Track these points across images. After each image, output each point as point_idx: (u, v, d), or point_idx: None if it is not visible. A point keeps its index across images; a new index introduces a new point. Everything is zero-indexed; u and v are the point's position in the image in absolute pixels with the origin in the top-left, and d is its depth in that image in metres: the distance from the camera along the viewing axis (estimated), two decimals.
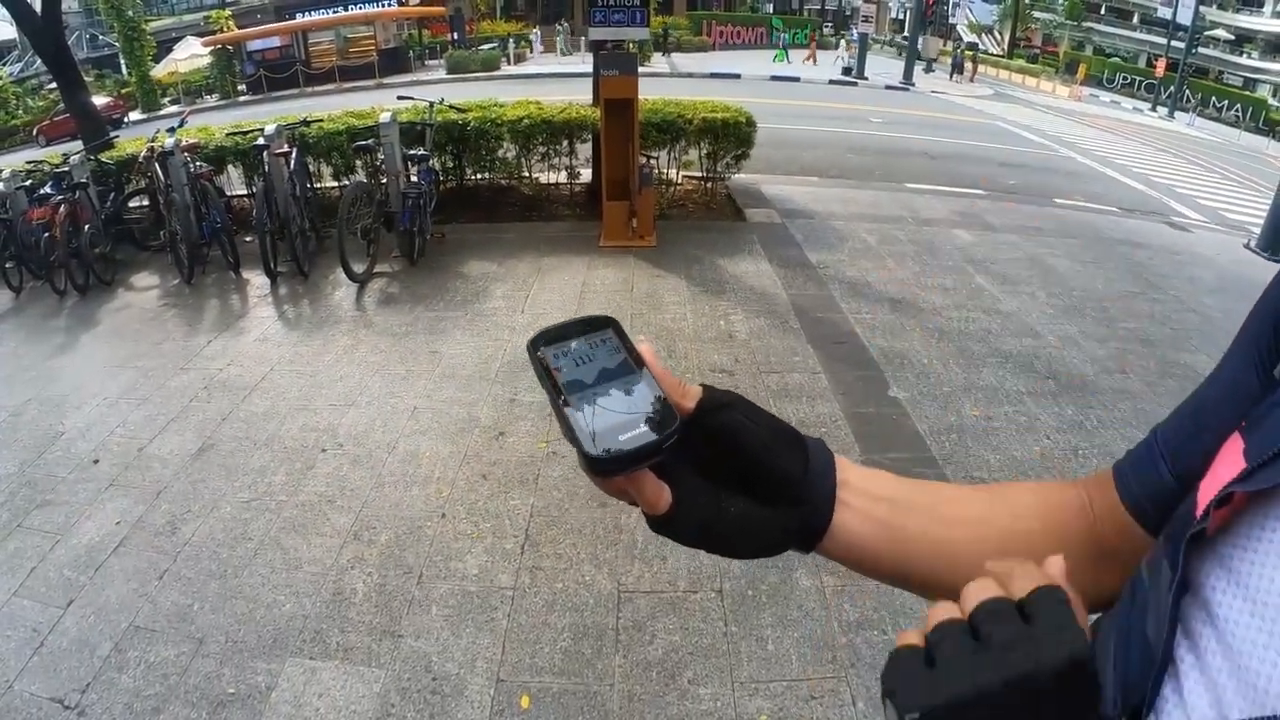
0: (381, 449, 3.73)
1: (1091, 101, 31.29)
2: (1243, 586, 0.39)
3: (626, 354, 0.48)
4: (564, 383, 0.45)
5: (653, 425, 0.44)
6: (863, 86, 24.57)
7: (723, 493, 0.51)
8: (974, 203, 8.99)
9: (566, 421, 0.43)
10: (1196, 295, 6.39)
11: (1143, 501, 0.56)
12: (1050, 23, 44.78)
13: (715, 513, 0.50)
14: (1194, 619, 0.41)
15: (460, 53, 27.13)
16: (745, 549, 0.52)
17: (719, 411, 0.50)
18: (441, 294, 5.65)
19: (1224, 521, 0.42)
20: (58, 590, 2.89)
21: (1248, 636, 0.38)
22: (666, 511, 0.48)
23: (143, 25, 24.67)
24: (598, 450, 0.42)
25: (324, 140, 7.21)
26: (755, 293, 5.63)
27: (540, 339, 0.47)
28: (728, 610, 2.72)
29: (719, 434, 0.50)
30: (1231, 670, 0.38)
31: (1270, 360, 0.49)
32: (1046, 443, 3.87)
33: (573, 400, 0.44)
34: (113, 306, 6.01)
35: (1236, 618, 0.39)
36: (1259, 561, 0.39)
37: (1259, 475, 0.40)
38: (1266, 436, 0.42)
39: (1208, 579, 0.41)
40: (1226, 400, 0.51)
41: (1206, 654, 0.40)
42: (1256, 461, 0.41)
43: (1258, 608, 0.38)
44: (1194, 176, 15.45)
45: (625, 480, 0.46)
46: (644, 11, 6.34)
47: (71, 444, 3.94)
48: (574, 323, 0.48)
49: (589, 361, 0.47)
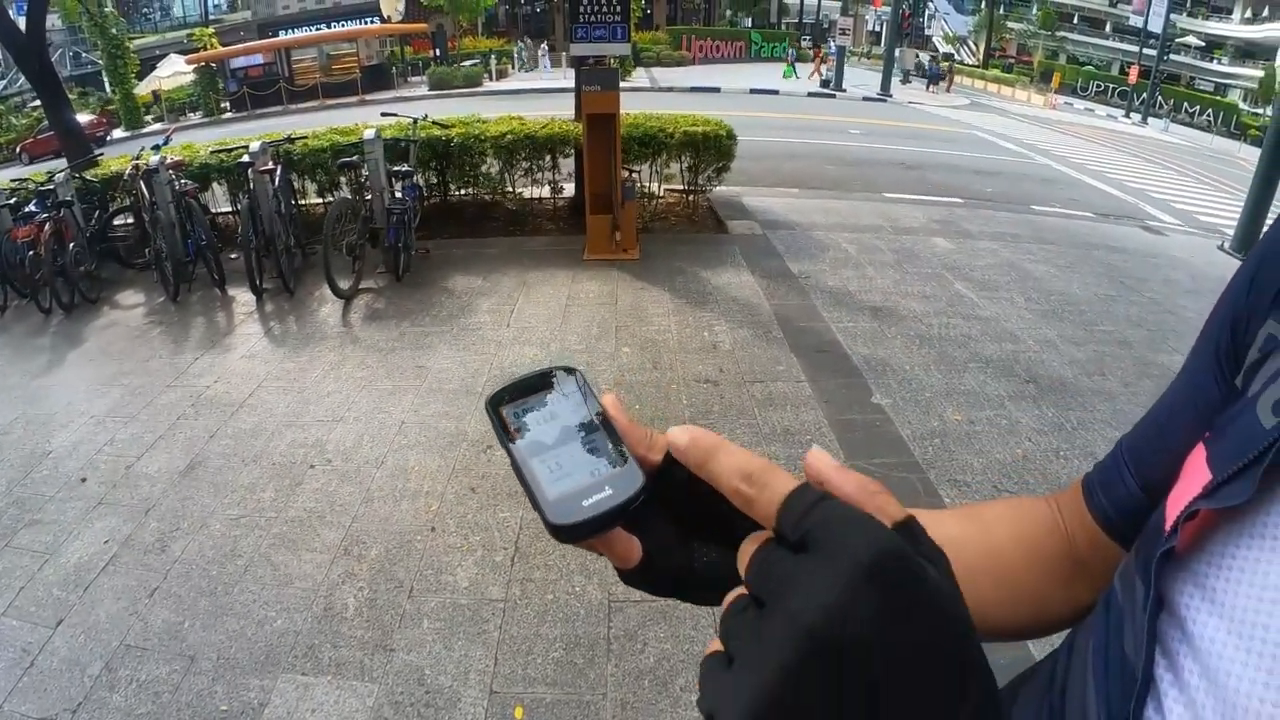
0: (370, 464, 3.74)
1: (1066, 109, 31.82)
2: (1218, 605, 0.39)
3: (589, 409, 0.45)
4: (524, 443, 0.42)
5: (618, 487, 0.41)
6: (841, 98, 24.85)
7: (695, 542, 0.48)
8: (952, 211, 9.13)
9: (527, 486, 0.41)
10: (1172, 297, 6.52)
11: (1111, 514, 0.57)
12: (1024, 33, 45.39)
13: (688, 563, 0.47)
14: (1171, 638, 0.41)
15: (443, 69, 27.19)
16: (719, 598, 0.49)
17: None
18: (427, 309, 5.68)
19: (1195, 538, 0.42)
20: (47, 610, 2.89)
21: (1225, 655, 0.37)
22: (637, 564, 0.45)
23: (126, 43, 24.56)
24: (560, 519, 0.39)
25: (309, 157, 7.23)
26: (738, 303, 5.69)
27: (500, 396, 0.45)
28: (717, 618, 2.74)
29: (689, 482, 0.48)
30: (1210, 689, 0.38)
31: (1229, 366, 0.49)
32: (1028, 445, 3.94)
33: (533, 463, 0.42)
34: (99, 324, 6.00)
35: (1213, 635, 0.39)
36: (1233, 579, 0.39)
37: (1224, 491, 0.40)
38: (1230, 449, 0.42)
39: (1181, 597, 0.42)
40: (1188, 408, 0.52)
41: (1185, 673, 0.40)
42: (1222, 476, 0.41)
43: (1234, 625, 0.38)
44: (1168, 181, 15.72)
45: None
46: (625, 27, 6.42)
47: (59, 463, 3.93)
48: (534, 376, 0.46)
49: (551, 420, 0.44)
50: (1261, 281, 0.47)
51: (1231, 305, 0.49)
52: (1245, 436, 0.41)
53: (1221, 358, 0.49)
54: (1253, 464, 0.39)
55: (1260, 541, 0.38)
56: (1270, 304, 0.45)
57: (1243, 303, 0.48)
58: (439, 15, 31.16)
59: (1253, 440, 0.40)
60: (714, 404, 4.27)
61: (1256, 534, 0.38)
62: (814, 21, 44.61)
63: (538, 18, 37.76)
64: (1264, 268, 0.47)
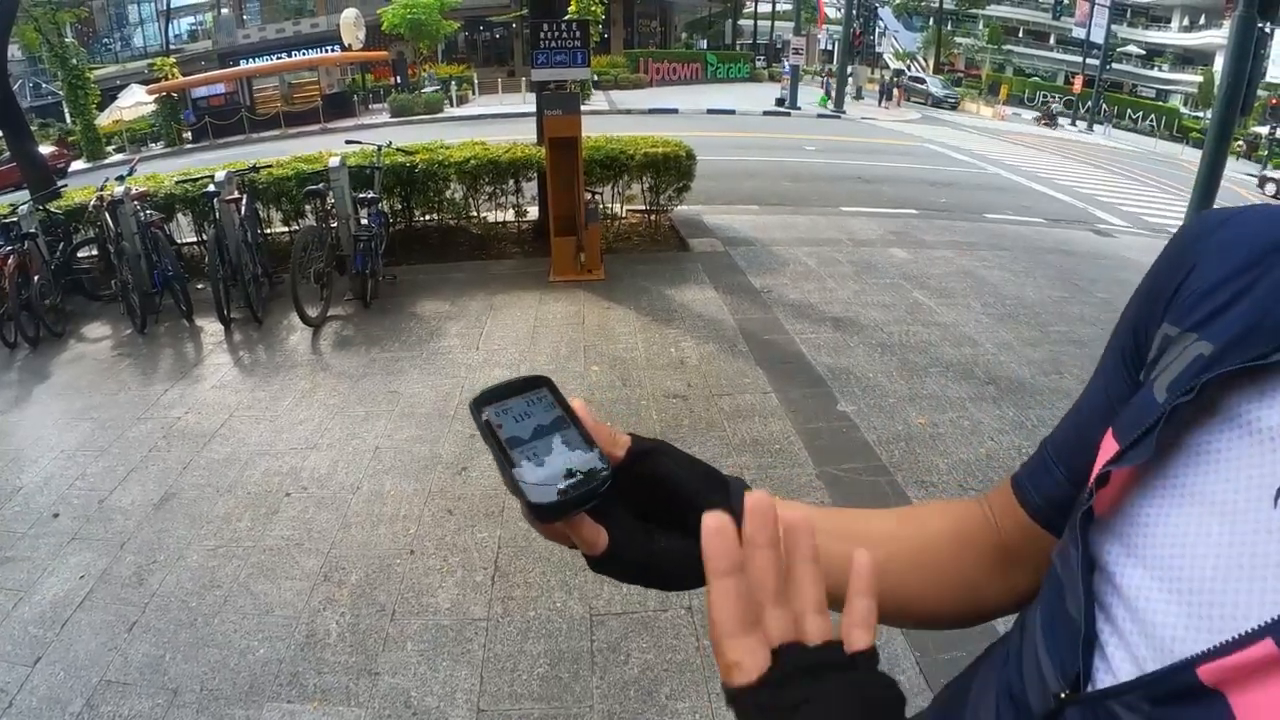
0: (346, 490, 3.76)
1: (1014, 120, 32.64)
2: (1138, 557, 0.46)
3: (561, 409, 0.51)
4: (505, 439, 0.48)
5: (588, 474, 0.47)
6: (796, 116, 25.29)
7: (656, 531, 0.53)
8: (908, 222, 9.37)
9: (509, 473, 0.47)
10: (1122, 296, 6.53)
11: (1043, 507, 0.63)
12: (972, 47, 46.68)
13: (650, 550, 0.52)
14: (1105, 593, 0.48)
15: (404, 96, 27.18)
16: (681, 582, 0.54)
17: (647, 457, 0.53)
18: (396, 334, 5.70)
19: (1114, 502, 0.49)
20: (24, 648, 2.86)
21: (1150, 600, 0.44)
22: (605, 551, 0.50)
23: (87, 73, 24.14)
24: (539, 498, 0.46)
25: (274, 186, 7.23)
26: (703, 319, 5.80)
27: (482, 399, 0.50)
28: (698, 625, 2.81)
29: (648, 477, 0.53)
30: (1141, 632, 0.44)
31: (1133, 364, 0.56)
32: (991, 444, 4.08)
33: (513, 454, 0.47)
34: (65, 358, 5.91)
35: (1138, 585, 0.45)
36: (1148, 533, 0.46)
37: (1129, 455, 0.47)
38: (1131, 421, 0.50)
39: (1109, 556, 0.48)
40: (1102, 404, 0.59)
41: (1120, 621, 0.46)
42: (1126, 443, 0.48)
43: (1154, 573, 0.44)
44: (1115, 185, 16.27)
45: (564, 525, 0.49)
46: (585, 53, 6.53)
47: (30, 498, 3.88)
48: (512, 383, 0.52)
49: (527, 418, 0.50)
50: (1156, 291, 0.54)
51: (1134, 312, 0.57)
52: (1144, 410, 0.49)
53: (1127, 359, 0.57)
54: (1150, 429, 0.46)
55: (1165, 496, 0.45)
56: (1164, 309, 0.53)
57: (1143, 310, 0.56)
58: (399, 43, 31.16)
59: (1150, 411, 0.48)
60: (684, 418, 4.35)
61: (1162, 490, 0.46)
62: (767, 42, 45.41)
63: (497, 44, 37.92)
64: (1158, 279, 0.55)
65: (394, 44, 31.31)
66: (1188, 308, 0.51)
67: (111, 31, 41.15)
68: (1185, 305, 0.51)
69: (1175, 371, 0.49)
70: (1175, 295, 0.52)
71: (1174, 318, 0.52)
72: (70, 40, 24.18)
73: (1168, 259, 0.55)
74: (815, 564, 0.43)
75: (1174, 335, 0.51)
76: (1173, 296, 0.52)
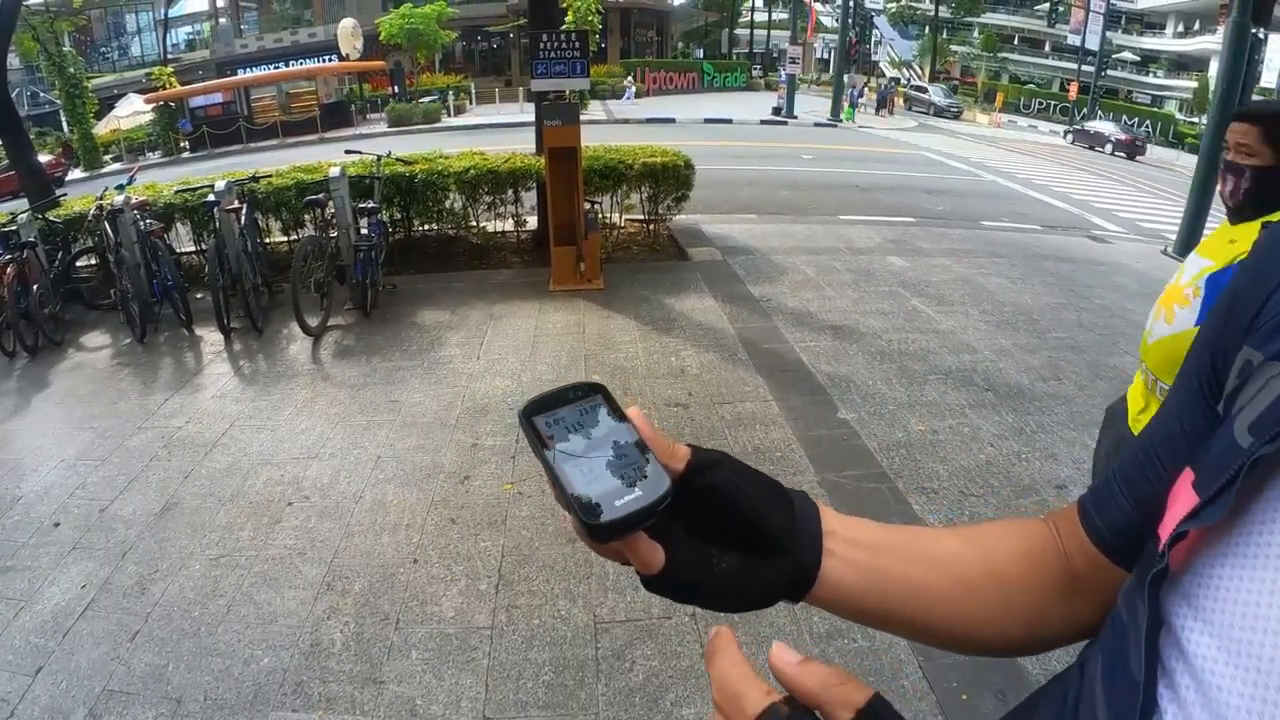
0: (348, 499, 3.76)
1: (1010, 127, 32.80)
2: (1208, 622, 0.40)
3: (616, 419, 0.48)
4: (557, 450, 0.45)
5: (646, 489, 0.44)
6: (793, 125, 25.43)
7: (713, 550, 0.51)
8: (905, 230, 9.41)
9: (561, 489, 0.44)
10: (1120, 302, 6.79)
11: (1107, 535, 0.58)
12: (968, 55, 46.84)
13: (707, 570, 0.50)
14: (1170, 656, 0.42)
15: (401, 106, 27.28)
16: (737, 603, 0.52)
17: (708, 471, 0.51)
18: (397, 344, 5.71)
19: (1186, 558, 0.43)
20: (25, 658, 2.85)
21: (1216, 670, 0.39)
22: (661, 570, 0.48)
23: (84, 82, 24.17)
24: (594, 518, 0.43)
25: (274, 195, 7.25)
26: (703, 328, 5.81)
27: (532, 407, 0.48)
28: (702, 632, 2.81)
29: (709, 493, 0.51)
30: (1204, 704, 0.39)
31: (1211, 393, 0.50)
32: (990, 450, 4.09)
33: (566, 467, 0.45)
34: (65, 367, 5.91)
35: (1205, 652, 0.40)
36: (1219, 597, 0.40)
37: (1206, 511, 0.41)
38: (1212, 470, 0.43)
39: (1177, 616, 0.43)
40: (1175, 434, 0.53)
41: (1182, 689, 0.41)
42: (1206, 496, 0.42)
43: (1223, 642, 0.39)
44: (1111, 191, 16.32)
45: (620, 543, 0.46)
46: (584, 63, 6.56)
47: (30, 508, 3.87)
48: (564, 390, 0.49)
49: (580, 428, 0.47)
50: (1236, 311, 0.49)
51: (1210, 336, 0.51)
52: (1225, 457, 0.43)
53: (1204, 385, 0.51)
54: (1230, 482, 0.40)
55: (1239, 559, 0.40)
56: (1244, 332, 0.47)
57: (1220, 333, 0.50)
58: (397, 52, 31.29)
59: (1231, 460, 0.42)
60: (685, 426, 4.36)
61: (1236, 551, 0.40)
62: (764, 51, 45.63)
63: (494, 54, 38.08)
64: (1238, 299, 0.50)
65: (392, 54, 31.44)
66: (1272, 330, 0.45)
67: (109, 41, 41.32)
68: (1270, 328, 0.45)
69: (1259, 408, 0.43)
70: (1258, 316, 0.47)
71: (1256, 341, 0.46)
72: (68, 49, 24.16)
73: (1248, 272, 0.50)
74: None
75: (1257, 363, 0.45)
76: (1254, 317, 0.47)
